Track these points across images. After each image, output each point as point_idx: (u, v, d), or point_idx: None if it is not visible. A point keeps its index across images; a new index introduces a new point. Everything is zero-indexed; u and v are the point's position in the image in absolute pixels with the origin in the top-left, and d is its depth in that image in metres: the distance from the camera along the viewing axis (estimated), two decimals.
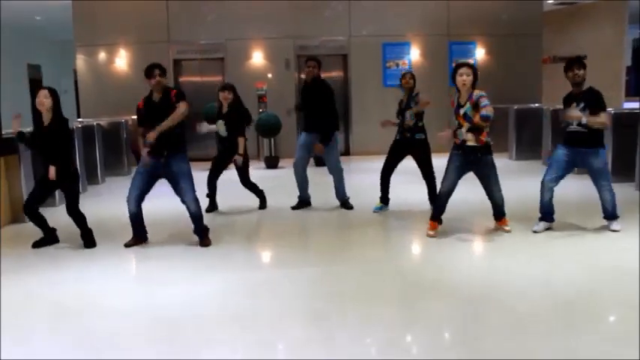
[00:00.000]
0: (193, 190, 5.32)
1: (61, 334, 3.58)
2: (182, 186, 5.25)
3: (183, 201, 5.33)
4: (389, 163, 6.57)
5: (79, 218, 5.49)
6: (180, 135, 5.27)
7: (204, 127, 7.32)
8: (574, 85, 5.31)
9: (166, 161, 5.18)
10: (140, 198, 5.32)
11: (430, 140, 6.40)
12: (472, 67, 5.28)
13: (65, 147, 5.39)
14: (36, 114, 5.34)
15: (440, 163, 6.59)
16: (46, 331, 3.64)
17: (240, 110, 6.81)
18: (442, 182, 5.43)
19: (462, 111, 5.20)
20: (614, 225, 5.46)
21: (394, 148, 6.53)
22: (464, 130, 5.17)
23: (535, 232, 5.46)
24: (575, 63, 5.30)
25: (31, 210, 5.45)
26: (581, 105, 5.22)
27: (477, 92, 5.16)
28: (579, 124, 5.21)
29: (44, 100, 5.23)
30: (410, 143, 6.39)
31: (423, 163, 6.47)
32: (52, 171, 5.23)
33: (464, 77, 5.15)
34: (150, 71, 5.17)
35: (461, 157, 5.29)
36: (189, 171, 5.30)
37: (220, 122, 6.74)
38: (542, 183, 5.49)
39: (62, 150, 5.33)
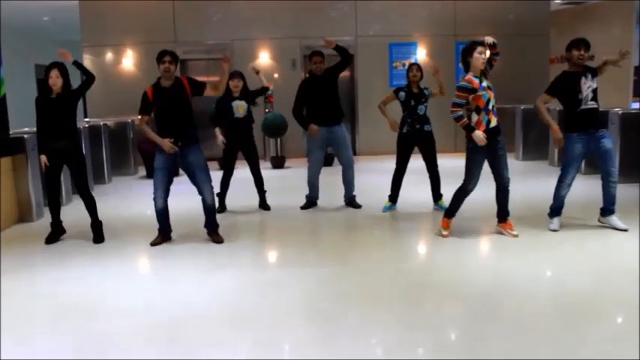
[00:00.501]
0: (210, 181, 5.39)
1: (62, 333, 3.59)
2: (199, 177, 5.31)
3: (200, 192, 5.37)
4: (401, 162, 6.51)
5: (89, 201, 5.60)
6: (194, 127, 5.33)
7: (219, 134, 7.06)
8: (574, 65, 5.28)
9: (182, 152, 5.22)
10: (166, 194, 5.35)
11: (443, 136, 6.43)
12: (485, 46, 5.18)
13: (73, 117, 5.55)
14: (42, 92, 5.53)
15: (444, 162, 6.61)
16: (46, 330, 3.66)
17: (251, 92, 6.86)
18: (469, 181, 5.24)
19: (485, 84, 5.11)
20: (620, 223, 5.42)
21: (403, 143, 6.48)
22: (492, 103, 5.06)
23: (555, 230, 5.40)
24: (582, 43, 5.26)
25: (55, 198, 5.62)
26: (590, 75, 5.26)
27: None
28: (594, 97, 5.21)
29: (57, 80, 5.36)
30: (419, 134, 6.38)
31: (429, 156, 6.48)
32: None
33: (483, 56, 5.07)
34: (160, 56, 5.22)
35: (483, 147, 5.10)
36: (205, 162, 5.37)
37: (240, 103, 6.68)
38: (563, 181, 5.39)
39: (71, 118, 5.49)
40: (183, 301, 4.07)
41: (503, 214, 5.42)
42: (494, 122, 5.13)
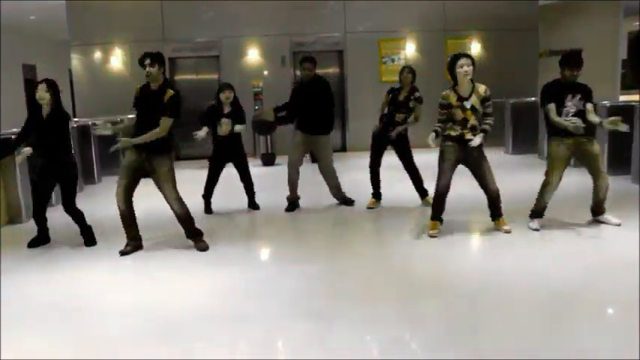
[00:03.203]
0: (175, 192, 5.13)
1: (60, 334, 3.58)
2: (162, 189, 5.10)
3: (167, 202, 5.17)
4: (373, 159, 6.55)
5: (76, 215, 5.51)
6: (164, 137, 5.03)
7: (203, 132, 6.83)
8: (565, 80, 5.23)
9: (147, 156, 5.02)
10: (128, 193, 5.12)
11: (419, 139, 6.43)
12: (471, 57, 5.14)
13: (65, 139, 5.42)
14: (32, 108, 5.36)
15: (422, 158, 6.61)
16: (45, 331, 3.63)
17: (240, 108, 6.77)
18: (438, 181, 5.27)
19: (467, 104, 5.09)
20: (613, 219, 5.43)
21: (375, 141, 6.51)
22: (472, 124, 5.08)
23: (537, 230, 5.36)
24: (575, 63, 5.16)
25: (40, 215, 5.51)
26: (578, 96, 5.19)
27: (482, 87, 5.15)
28: (574, 115, 5.15)
29: (44, 94, 5.24)
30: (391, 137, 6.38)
31: (405, 155, 6.50)
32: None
33: (465, 68, 5.04)
34: (141, 61, 5.07)
35: (454, 150, 5.18)
36: (170, 171, 5.09)
37: (227, 120, 6.57)
38: (549, 186, 5.33)
39: (63, 141, 5.36)
40: (177, 301, 4.06)
41: (494, 211, 5.44)
42: (468, 136, 5.09)
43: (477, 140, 5.07)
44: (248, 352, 3.29)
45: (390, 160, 6.64)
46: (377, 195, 6.66)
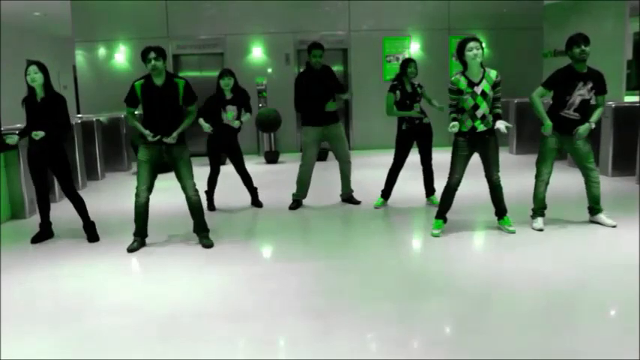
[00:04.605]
0: (192, 177, 5.24)
1: (61, 332, 3.57)
2: (181, 171, 5.19)
3: (183, 188, 5.24)
4: (400, 158, 6.45)
5: (77, 201, 5.53)
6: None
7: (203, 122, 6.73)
8: (577, 62, 5.18)
9: (167, 148, 5.11)
10: (149, 189, 5.21)
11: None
12: (480, 41, 5.06)
13: (61, 122, 5.38)
14: (29, 95, 5.35)
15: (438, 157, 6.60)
16: (45, 330, 3.63)
17: (244, 93, 6.70)
18: (451, 175, 5.24)
19: (478, 89, 5.02)
20: (608, 220, 5.41)
21: (403, 140, 6.41)
22: (482, 111, 5.04)
23: (541, 230, 5.35)
24: (582, 39, 5.14)
25: (43, 198, 5.54)
26: (589, 85, 5.17)
27: (494, 72, 5.09)
28: (575, 110, 5.16)
29: (35, 75, 5.24)
30: (418, 129, 6.34)
31: (425, 150, 6.47)
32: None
33: (474, 51, 4.95)
34: (144, 55, 5.06)
35: (468, 143, 5.14)
36: (189, 159, 5.24)
37: (230, 108, 6.53)
38: (541, 176, 5.39)
39: (57, 125, 5.32)
40: (179, 298, 4.06)
41: (499, 211, 5.42)
42: (481, 128, 5.08)
43: (502, 127, 5.00)
44: (249, 349, 3.29)
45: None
46: (386, 195, 6.61)
